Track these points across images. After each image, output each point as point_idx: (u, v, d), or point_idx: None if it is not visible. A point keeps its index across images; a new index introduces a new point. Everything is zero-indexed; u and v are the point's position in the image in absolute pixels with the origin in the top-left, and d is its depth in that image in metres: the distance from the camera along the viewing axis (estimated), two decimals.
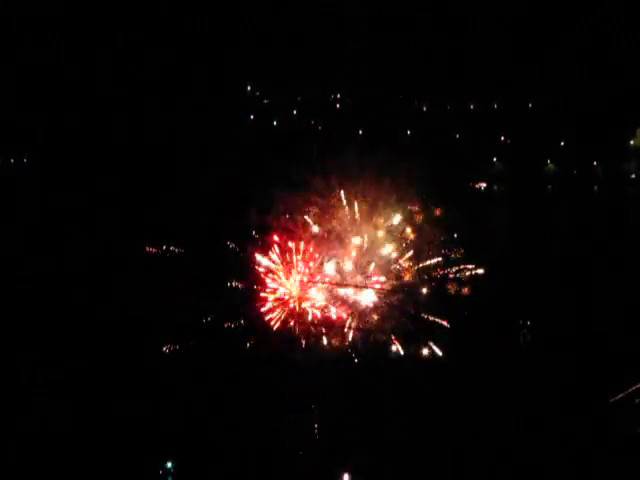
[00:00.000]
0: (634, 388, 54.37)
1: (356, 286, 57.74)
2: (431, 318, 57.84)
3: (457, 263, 59.03)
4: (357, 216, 57.87)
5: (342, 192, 57.23)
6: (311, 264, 57.73)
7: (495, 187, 71.21)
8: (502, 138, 71.71)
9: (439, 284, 59.40)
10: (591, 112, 69.05)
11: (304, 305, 57.64)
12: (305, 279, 57.94)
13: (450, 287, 59.34)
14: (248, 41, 68.48)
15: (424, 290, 58.74)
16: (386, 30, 68.41)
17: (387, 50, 68.25)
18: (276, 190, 56.35)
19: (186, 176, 65.28)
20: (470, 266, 59.24)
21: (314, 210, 57.65)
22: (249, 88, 70.76)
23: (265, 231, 57.20)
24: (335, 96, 71.22)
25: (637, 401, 54.84)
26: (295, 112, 70.81)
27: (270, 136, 69.83)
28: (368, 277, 58.07)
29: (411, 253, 58.22)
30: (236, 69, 69.22)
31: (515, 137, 71.50)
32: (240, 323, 57.67)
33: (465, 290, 59.07)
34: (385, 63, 68.66)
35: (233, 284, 58.09)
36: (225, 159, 65.77)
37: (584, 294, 62.48)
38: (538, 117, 70.61)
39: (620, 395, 54.17)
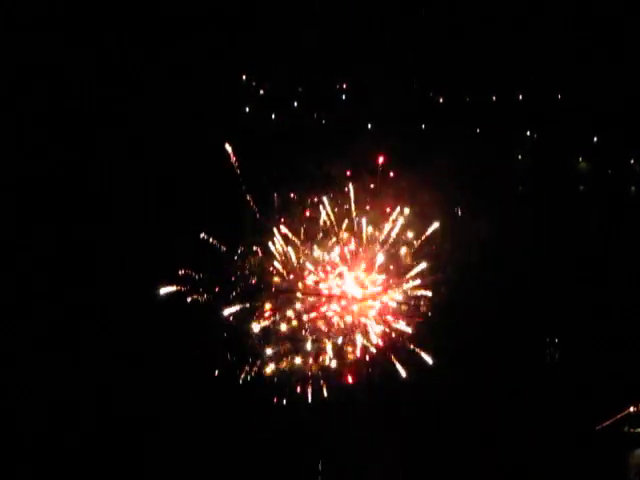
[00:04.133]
0: (620, 415, 54.78)
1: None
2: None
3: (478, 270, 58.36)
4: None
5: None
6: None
7: (520, 187, 66.55)
8: (527, 132, 67.00)
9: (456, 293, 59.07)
10: (628, 102, 63.89)
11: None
12: None
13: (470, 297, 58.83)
14: (241, 24, 63.24)
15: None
16: (401, 10, 63.19)
17: (401, 32, 62.99)
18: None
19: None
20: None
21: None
22: (244, 77, 65.53)
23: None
24: (341, 86, 65.64)
25: (625, 429, 55.30)
26: (296, 104, 65.41)
27: (267, 130, 64.74)
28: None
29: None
30: (229, 56, 64.01)
31: (542, 131, 66.77)
32: None
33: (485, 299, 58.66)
34: (398, 48, 63.34)
35: None
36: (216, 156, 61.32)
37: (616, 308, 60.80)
38: (568, 108, 65.61)
39: (606, 422, 54.35)
